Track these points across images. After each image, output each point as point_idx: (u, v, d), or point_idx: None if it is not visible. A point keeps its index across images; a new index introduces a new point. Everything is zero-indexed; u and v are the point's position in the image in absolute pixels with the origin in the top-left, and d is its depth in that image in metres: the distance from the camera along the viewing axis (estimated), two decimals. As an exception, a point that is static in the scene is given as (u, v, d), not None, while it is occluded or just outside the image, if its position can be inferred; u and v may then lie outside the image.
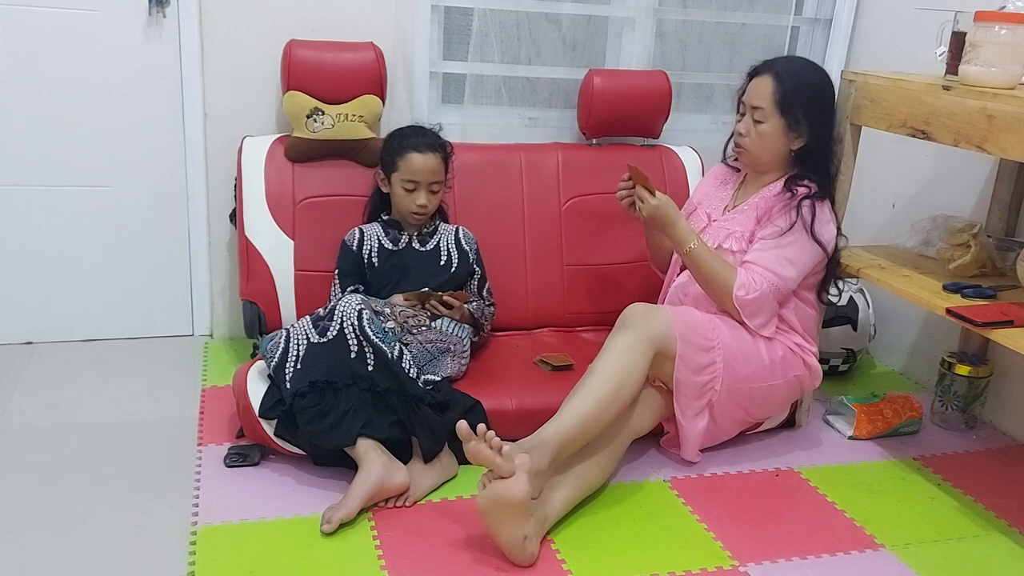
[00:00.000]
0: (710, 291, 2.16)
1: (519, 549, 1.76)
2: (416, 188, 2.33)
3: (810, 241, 2.13)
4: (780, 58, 2.24)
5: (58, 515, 1.88)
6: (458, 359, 2.24)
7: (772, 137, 2.17)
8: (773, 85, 2.14)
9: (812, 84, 2.17)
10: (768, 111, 2.14)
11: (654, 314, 2.04)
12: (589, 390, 1.94)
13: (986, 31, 1.99)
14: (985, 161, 2.55)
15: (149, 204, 2.69)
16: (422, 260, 2.39)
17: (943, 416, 2.54)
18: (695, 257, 2.13)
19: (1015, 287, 2.16)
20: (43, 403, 2.35)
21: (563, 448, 1.87)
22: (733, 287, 2.10)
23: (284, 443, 2.04)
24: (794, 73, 2.16)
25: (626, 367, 1.96)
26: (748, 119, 2.19)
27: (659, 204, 2.14)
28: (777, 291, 2.13)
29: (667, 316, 2.04)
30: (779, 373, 2.19)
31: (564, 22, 2.87)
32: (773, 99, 2.13)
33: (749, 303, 2.11)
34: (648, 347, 2.00)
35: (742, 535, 1.95)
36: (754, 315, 2.13)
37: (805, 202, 2.12)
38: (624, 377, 1.96)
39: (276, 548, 1.80)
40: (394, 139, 2.40)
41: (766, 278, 2.11)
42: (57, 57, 2.49)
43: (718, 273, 2.12)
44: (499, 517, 1.74)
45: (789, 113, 2.14)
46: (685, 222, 2.18)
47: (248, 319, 2.48)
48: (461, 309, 2.29)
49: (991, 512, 2.12)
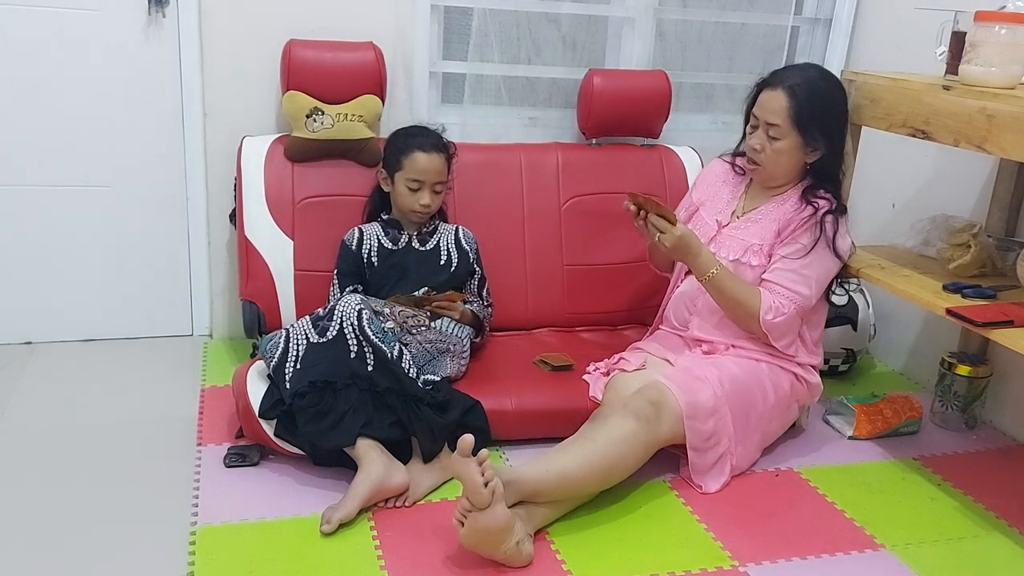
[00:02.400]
0: (734, 316, 2.14)
1: (515, 555, 1.76)
2: (420, 188, 2.33)
3: (832, 257, 2.12)
4: (791, 69, 2.16)
5: (57, 515, 1.88)
6: (457, 360, 2.24)
7: (789, 153, 2.12)
8: (788, 101, 2.07)
9: (826, 97, 2.11)
10: (784, 128, 2.09)
11: (665, 410, 1.98)
12: (580, 454, 1.90)
13: (986, 31, 1.99)
14: (985, 161, 2.55)
15: (149, 204, 2.68)
16: (422, 259, 2.39)
17: (943, 416, 2.54)
18: (717, 283, 2.10)
19: (1015, 287, 2.16)
20: (43, 403, 2.35)
21: (536, 495, 1.83)
22: (759, 311, 2.08)
23: (284, 443, 2.04)
24: (808, 87, 2.09)
25: (624, 453, 1.93)
26: (762, 134, 2.13)
27: (682, 235, 2.06)
28: (801, 310, 2.12)
29: (677, 412, 1.99)
30: (785, 403, 2.20)
31: (564, 22, 2.87)
32: (789, 116, 2.08)
33: (776, 326, 2.10)
34: (653, 446, 1.99)
35: (742, 535, 1.95)
36: (781, 337, 2.13)
37: (828, 217, 2.10)
38: (619, 461, 1.93)
39: (276, 548, 1.80)
40: (399, 138, 2.40)
41: (791, 299, 2.10)
42: (57, 57, 2.49)
43: (742, 297, 2.10)
44: (488, 544, 1.73)
45: (806, 131, 2.09)
46: (707, 250, 2.12)
47: (248, 319, 2.48)
48: (459, 308, 2.29)
49: (991, 512, 2.12)
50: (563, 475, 1.86)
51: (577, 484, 1.89)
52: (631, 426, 1.95)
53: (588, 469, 1.89)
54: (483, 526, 1.70)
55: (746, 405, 2.10)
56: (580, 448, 1.92)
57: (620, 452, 1.93)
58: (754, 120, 2.16)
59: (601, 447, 1.91)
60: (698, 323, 2.23)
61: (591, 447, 1.91)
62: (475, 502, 1.69)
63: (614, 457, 1.92)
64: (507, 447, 2.23)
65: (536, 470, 1.85)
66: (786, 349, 2.16)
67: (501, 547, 1.73)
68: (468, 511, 1.71)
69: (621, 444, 1.93)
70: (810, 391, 2.26)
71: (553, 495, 1.87)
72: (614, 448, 1.92)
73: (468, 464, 1.69)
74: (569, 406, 2.21)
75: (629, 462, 1.95)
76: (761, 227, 2.17)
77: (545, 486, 1.84)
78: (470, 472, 1.69)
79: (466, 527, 1.71)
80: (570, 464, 1.88)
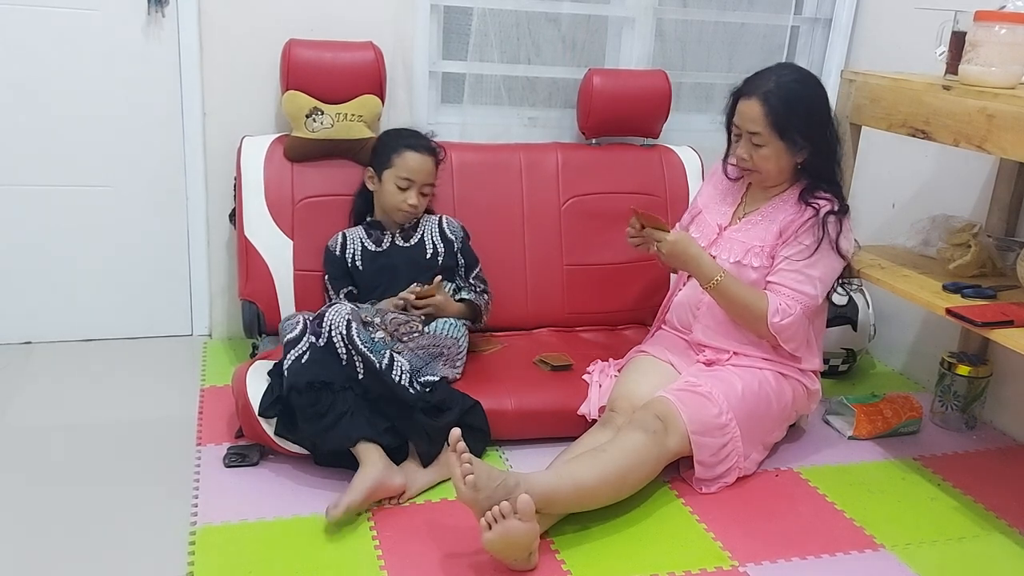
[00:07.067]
0: (742, 320, 2.14)
1: (525, 563, 1.76)
2: (409, 187, 2.34)
3: (836, 257, 2.12)
4: (764, 74, 2.11)
5: (57, 515, 1.87)
6: (451, 362, 2.23)
7: (775, 158, 2.12)
8: (763, 109, 2.06)
9: (803, 98, 2.09)
10: (765, 135, 2.08)
11: (672, 424, 1.98)
12: (593, 464, 1.89)
13: (986, 31, 1.99)
14: (985, 161, 2.55)
15: (148, 204, 2.68)
16: (408, 256, 2.38)
17: (943, 416, 2.54)
18: (723, 290, 2.10)
19: (1015, 287, 2.16)
20: (42, 403, 2.35)
21: (549, 505, 1.81)
22: (767, 314, 2.08)
23: (284, 442, 2.04)
24: (782, 92, 2.06)
25: (635, 465, 1.92)
26: (747, 143, 2.12)
27: (677, 240, 2.08)
28: (808, 310, 2.12)
29: (683, 427, 1.99)
30: (787, 412, 2.21)
31: (564, 22, 2.87)
32: (767, 123, 2.07)
33: (785, 328, 2.10)
34: (664, 458, 1.99)
35: (742, 535, 1.94)
36: (790, 339, 2.13)
37: (830, 218, 2.10)
38: (631, 471, 1.92)
39: (276, 548, 1.80)
40: (391, 137, 2.41)
41: (798, 300, 2.10)
42: (56, 57, 2.49)
43: (748, 302, 2.10)
44: (509, 552, 1.73)
45: (786, 134, 2.08)
46: (708, 256, 2.12)
47: (247, 319, 2.48)
48: (438, 301, 2.25)
49: (991, 512, 2.12)
50: (578, 484, 1.85)
51: (591, 494, 1.88)
52: (640, 438, 1.95)
53: (601, 479, 1.88)
54: (514, 538, 1.70)
55: (752, 419, 2.10)
56: (592, 458, 1.91)
57: (631, 463, 1.92)
58: (736, 129, 2.15)
59: (613, 456, 1.91)
60: (701, 329, 2.22)
61: (603, 456, 1.91)
62: (459, 497, 1.71)
63: (626, 468, 1.91)
64: (507, 447, 2.23)
65: (550, 479, 1.84)
66: (795, 352, 2.16)
67: (518, 556, 1.74)
68: (502, 518, 1.69)
69: (632, 455, 1.92)
70: (810, 398, 2.26)
71: (567, 505, 1.87)
72: (626, 458, 1.91)
73: (449, 458, 1.72)
74: (569, 406, 2.22)
75: (640, 474, 1.95)
76: (762, 229, 2.17)
77: (559, 496, 1.83)
78: (450, 465, 1.72)
79: (495, 533, 1.69)
80: (584, 473, 1.87)
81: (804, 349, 2.18)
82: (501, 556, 1.73)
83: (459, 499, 1.72)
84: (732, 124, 2.17)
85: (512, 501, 1.68)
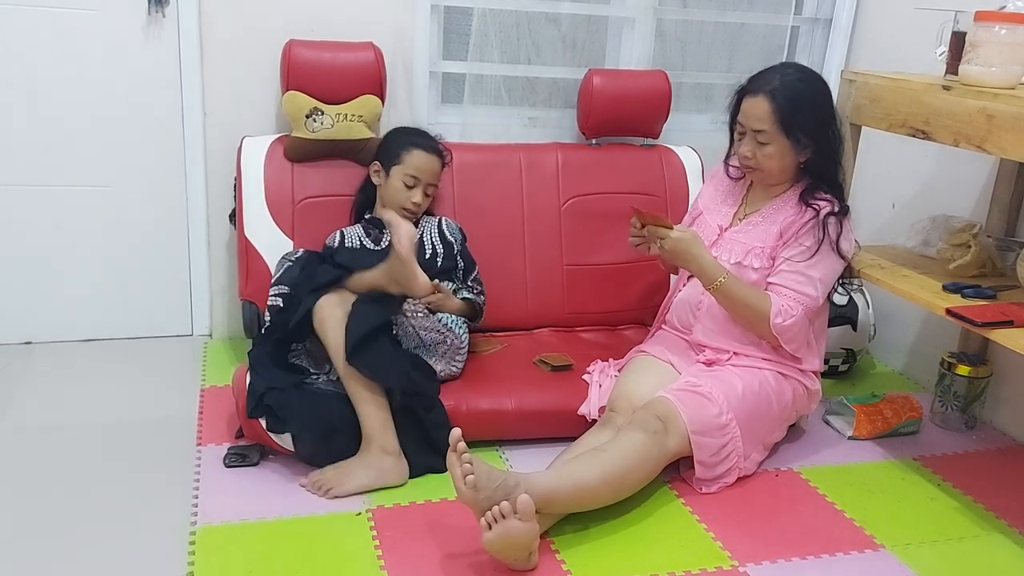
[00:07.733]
0: (744, 321, 2.14)
1: (525, 564, 1.76)
2: (415, 185, 2.34)
3: (836, 258, 2.12)
4: (769, 72, 2.12)
5: (57, 515, 1.88)
6: (451, 356, 2.23)
7: (779, 156, 2.11)
8: (770, 106, 2.06)
9: (808, 96, 2.09)
10: (771, 133, 2.08)
11: (672, 424, 1.98)
12: (593, 464, 1.89)
13: (986, 31, 1.99)
14: (985, 161, 2.55)
15: (148, 204, 2.68)
16: None
17: (943, 416, 2.54)
18: (726, 291, 2.10)
19: (1015, 287, 2.16)
20: (42, 403, 2.35)
21: (549, 505, 1.81)
22: (769, 315, 2.08)
23: (282, 440, 2.04)
24: (788, 90, 2.07)
25: (635, 464, 1.92)
26: (751, 141, 2.12)
27: (682, 237, 2.07)
28: (809, 311, 2.12)
29: (683, 427, 1.99)
30: (787, 413, 2.21)
31: (564, 22, 2.87)
32: (773, 121, 2.07)
33: (787, 328, 2.10)
34: (664, 458, 1.99)
35: (742, 535, 1.95)
36: (792, 340, 2.13)
37: (831, 219, 2.10)
38: (631, 471, 1.92)
39: (276, 548, 1.80)
40: (400, 134, 2.42)
41: (799, 301, 2.10)
42: (56, 57, 2.49)
43: (751, 303, 2.10)
44: (510, 552, 1.73)
45: (791, 132, 2.08)
46: (710, 255, 2.12)
47: (247, 319, 2.48)
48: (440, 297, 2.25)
49: (991, 512, 2.12)
50: (578, 484, 1.85)
51: (591, 494, 1.88)
52: (640, 438, 1.95)
53: (601, 479, 1.88)
54: (514, 538, 1.70)
55: (752, 419, 2.10)
56: (592, 458, 1.91)
57: (631, 463, 1.92)
58: (740, 127, 2.15)
59: (613, 457, 1.91)
60: (702, 329, 2.22)
61: (604, 456, 1.91)
62: (459, 497, 1.71)
63: (626, 468, 1.91)
64: (507, 447, 2.23)
65: (550, 479, 1.84)
66: (796, 352, 2.16)
67: (518, 556, 1.74)
68: (502, 518, 1.68)
69: (633, 455, 1.92)
70: (810, 399, 2.26)
71: (567, 505, 1.87)
72: (626, 458, 1.91)
73: (450, 458, 1.72)
74: (569, 406, 2.22)
75: (640, 474, 1.95)
76: (762, 230, 2.17)
77: (559, 496, 1.83)
78: (450, 465, 1.72)
79: (495, 533, 1.69)
80: (584, 473, 1.87)
81: (804, 349, 2.18)
82: (501, 556, 1.73)
83: (459, 499, 1.73)
84: (736, 122, 2.17)
85: (512, 501, 1.68)
